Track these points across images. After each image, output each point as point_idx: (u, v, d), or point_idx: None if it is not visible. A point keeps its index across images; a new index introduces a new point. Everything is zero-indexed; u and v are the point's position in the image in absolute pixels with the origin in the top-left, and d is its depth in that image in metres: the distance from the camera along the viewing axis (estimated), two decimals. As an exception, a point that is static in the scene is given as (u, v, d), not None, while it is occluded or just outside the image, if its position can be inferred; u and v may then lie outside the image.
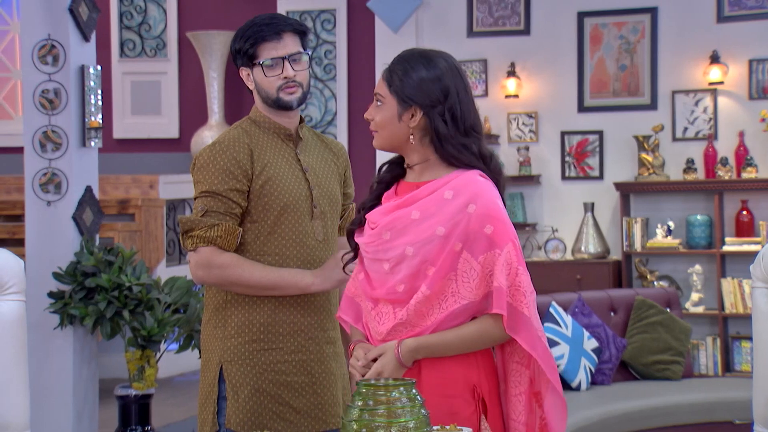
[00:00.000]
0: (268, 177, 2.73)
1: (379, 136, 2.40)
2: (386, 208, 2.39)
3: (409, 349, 2.31)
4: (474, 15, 7.43)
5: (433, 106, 2.34)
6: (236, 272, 2.68)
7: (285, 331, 2.74)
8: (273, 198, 2.72)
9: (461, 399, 2.32)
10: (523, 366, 2.37)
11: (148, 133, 8.38)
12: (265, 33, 2.72)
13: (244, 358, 2.73)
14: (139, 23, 8.38)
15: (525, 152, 7.23)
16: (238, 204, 2.71)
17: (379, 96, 2.39)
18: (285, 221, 2.74)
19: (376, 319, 2.38)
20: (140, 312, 4.92)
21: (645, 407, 4.92)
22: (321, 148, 2.89)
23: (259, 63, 2.74)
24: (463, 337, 2.31)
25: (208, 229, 2.69)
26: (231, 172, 2.70)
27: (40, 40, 5.05)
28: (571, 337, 5.11)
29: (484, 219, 2.30)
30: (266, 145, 2.77)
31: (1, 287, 2.37)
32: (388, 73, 2.39)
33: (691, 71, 7.05)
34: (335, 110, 7.87)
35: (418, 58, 2.38)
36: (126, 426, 5.10)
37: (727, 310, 6.75)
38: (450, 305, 2.31)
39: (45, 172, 5.05)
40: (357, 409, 1.97)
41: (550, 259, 7.09)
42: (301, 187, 2.77)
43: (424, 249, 2.30)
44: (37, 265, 4.97)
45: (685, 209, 7.00)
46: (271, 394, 2.73)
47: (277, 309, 2.73)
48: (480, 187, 2.33)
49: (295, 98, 2.76)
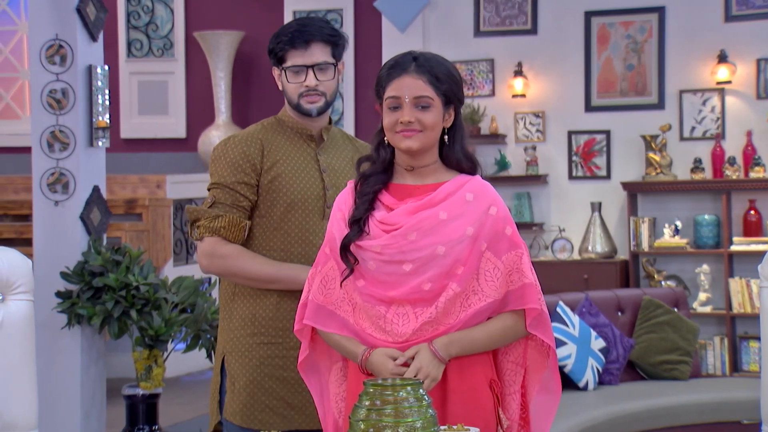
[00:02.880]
0: (278, 173, 2.77)
1: (423, 137, 2.39)
2: (406, 210, 2.39)
3: (442, 344, 2.35)
4: (481, 14, 7.43)
5: (461, 104, 2.45)
6: (237, 263, 2.73)
7: (286, 326, 2.75)
8: (281, 194, 2.76)
9: (483, 392, 2.40)
10: (518, 365, 2.46)
11: (155, 133, 8.39)
12: (294, 39, 2.76)
13: (244, 351, 2.77)
14: (146, 23, 8.39)
15: (532, 152, 7.23)
16: (246, 197, 2.75)
17: (425, 99, 2.38)
18: (291, 218, 2.77)
19: (394, 321, 2.37)
20: (147, 312, 4.93)
21: (652, 407, 4.91)
22: (350, 151, 2.92)
23: (285, 68, 2.78)
24: (491, 333, 2.39)
25: (213, 220, 2.74)
26: (239, 165, 2.75)
27: (47, 40, 5.05)
28: (578, 336, 5.10)
29: (504, 221, 2.41)
30: (284, 142, 2.82)
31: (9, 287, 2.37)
32: (429, 75, 2.39)
33: (699, 71, 7.04)
34: (342, 110, 7.87)
35: (440, 58, 2.45)
36: (133, 425, 5.10)
37: (735, 309, 6.74)
38: (473, 303, 2.37)
39: (53, 171, 5.06)
40: (364, 408, 1.97)
41: (557, 258, 7.08)
42: (315, 186, 2.79)
43: (456, 249, 2.35)
44: (45, 265, 4.97)
45: (693, 209, 6.98)
46: (266, 388, 2.75)
47: (280, 304, 2.76)
48: (493, 191, 2.44)
49: (315, 107, 2.79)
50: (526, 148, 7.25)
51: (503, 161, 7.31)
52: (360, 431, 1.95)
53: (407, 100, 2.38)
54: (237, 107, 8.22)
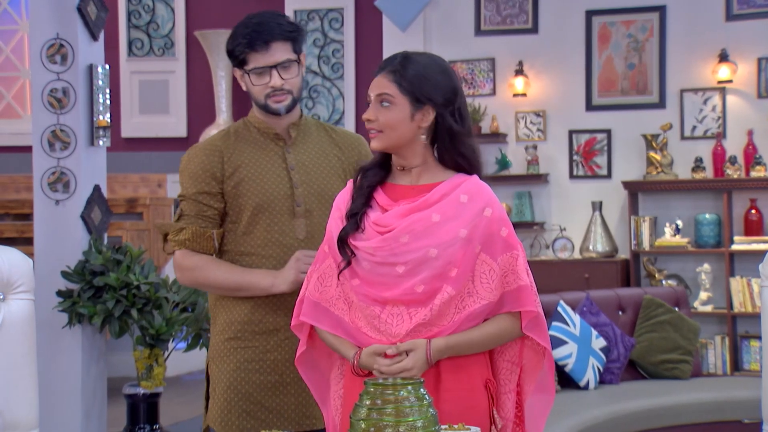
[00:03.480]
0: (241, 178, 2.74)
1: (384, 137, 2.39)
2: (399, 212, 2.38)
3: (438, 348, 2.34)
4: (482, 13, 7.42)
5: (446, 106, 2.37)
6: (204, 274, 2.73)
7: (260, 330, 2.74)
8: (246, 198, 2.73)
9: (478, 392, 2.39)
10: (514, 365, 2.45)
11: (156, 132, 8.39)
12: (253, 41, 2.70)
13: (223, 356, 2.77)
14: (147, 22, 8.39)
15: (533, 151, 7.23)
16: (210, 206, 2.74)
17: (386, 96, 2.38)
18: (260, 221, 2.74)
19: (389, 321, 2.37)
20: (148, 311, 4.93)
21: (653, 406, 4.91)
22: (325, 144, 2.85)
23: (247, 71, 2.73)
24: (487, 335, 2.38)
25: (178, 233, 2.75)
26: (199, 176, 2.74)
27: (48, 40, 5.06)
28: (579, 336, 5.10)
29: (500, 222, 2.38)
30: (247, 146, 2.77)
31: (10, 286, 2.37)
32: (397, 74, 2.38)
33: (700, 70, 7.03)
34: (343, 109, 7.87)
35: (427, 59, 2.40)
36: (134, 425, 5.11)
37: (736, 309, 6.73)
38: (469, 305, 2.35)
39: (53, 171, 5.06)
40: (365, 408, 1.97)
41: (558, 258, 7.08)
42: (281, 186, 2.75)
43: (449, 251, 2.33)
44: (46, 264, 4.98)
45: (694, 208, 6.98)
46: (243, 392, 2.74)
47: (255, 308, 2.74)
48: (490, 192, 2.41)
49: (283, 106, 2.74)
50: (527, 147, 7.25)
51: (504, 160, 7.31)
52: (361, 430, 1.95)
53: (372, 98, 2.42)
54: (238, 106, 8.22)
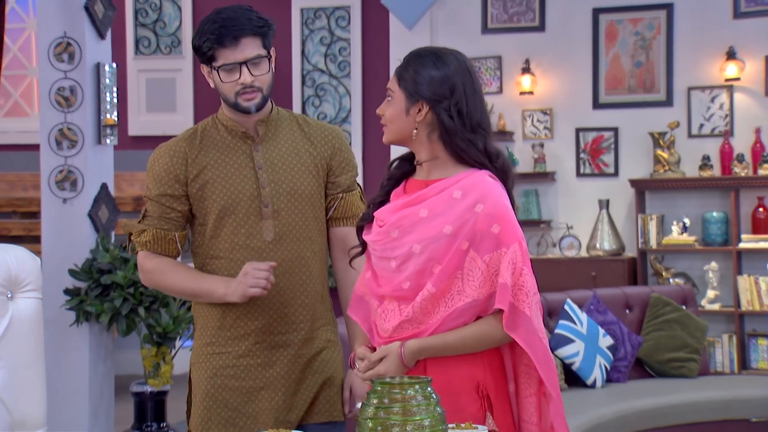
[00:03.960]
0: (206, 180, 2.65)
1: (387, 131, 2.44)
2: (394, 206, 2.41)
3: (411, 350, 2.33)
4: (489, 11, 7.42)
5: (439, 102, 2.37)
6: (163, 278, 2.67)
7: (232, 335, 2.66)
8: (210, 201, 2.65)
9: (466, 396, 2.33)
10: (531, 368, 2.36)
11: (163, 130, 8.39)
12: (222, 36, 2.59)
13: (201, 362, 2.70)
14: (154, 21, 8.40)
15: (540, 149, 7.22)
16: (173, 209, 2.67)
17: (389, 91, 2.43)
18: (227, 224, 2.65)
19: (382, 317, 2.40)
20: (155, 309, 4.94)
21: (660, 405, 4.90)
22: (296, 140, 2.73)
23: (215, 68, 2.62)
24: (465, 337, 2.33)
25: (139, 235, 2.69)
26: (161, 178, 2.66)
27: (56, 38, 5.07)
28: (586, 334, 5.10)
29: (492, 219, 2.32)
30: (213, 147, 2.68)
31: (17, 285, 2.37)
32: (400, 69, 2.43)
33: (707, 67, 7.02)
34: (349, 107, 7.87)
35: (429, 55, 2.42)
36: (142, 422, 5.12)
37: (743, 307, 6.72)
38: (454, 303, 2.32)
39: (61, 169, 5.07)
40: (372, 407, 1.97)
41: (565, 256, 7.07)
42: (247, 187, 2.65)
43: (431, 247, 2.32)
44: (54, 262, 4.99)
45: (701, 206, 6.97)
46: (220, 399, 2.66)
47: (226, 312, 2.66)
48: (488, 187, 2.35)
49: (254, 104, 2.64)
50: (534, 146, 7.24)
51: (511, 158, 7.31)
52: (368, 429, 1.95)
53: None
54: (244, 104, 8.22)
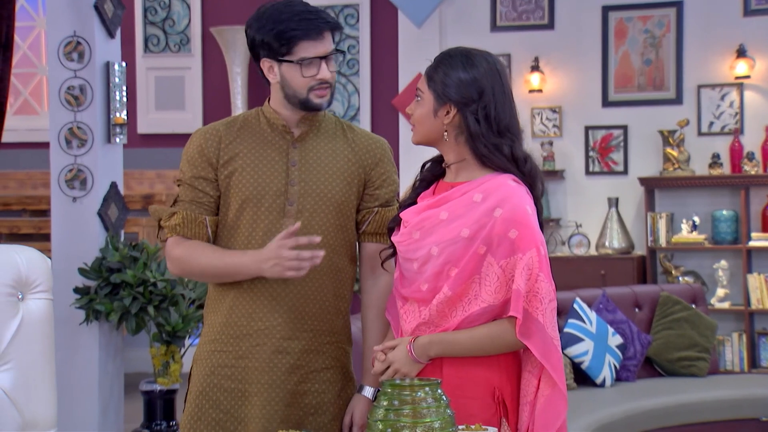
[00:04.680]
0: (235, 168, 2.55)
1: (416, 131, 2.44)
2: (418, 208, 2.41)
3: (420, 344, 2.33)
4: (498, 9, 7.40)
5: (466, 104, 2.36)
6: (190, 261, 2.54)
7: (236, 333, 2.57)
8: (235, 190, 2.55)
9: (480, 401, 2.32)
10: (533, 376, 2.34)
11: (172, 128, 8.41)
12: (308, 29, 2.46)
13: (201, 360, 2.61)
14: (163, 19, 8.40)
15: (549, 147, 7.21)
16: (205, 192, 2.56)
17: (419, 91, 2.43)
18: (246, 215, 2.54)
19: (404, 318, 2.41)
20: (165, 308, 4.94)
21: (670, 404, 4.89)
22: (338, 144, 2.62)
23: (294, 61, 2.48)
24: (475, 336, 2.31)
25: (168, 218, 2.57)
26: (195, 160, 2.57)
27: (65, 37, 5.07)
28: (595, 333, 5.09)
29: (510, 223, 2.29)
30: (250, 136, 2.58)
31: (28, 286, 2.38)
32: (430, 69, 2.42)
33: (717, 65, 7.00)
34: (358, 105, 7.86)
35: (459, 57, 2.40)
36: (151, 421, 5.13)
37: (753, 305, 6.70)
38: (471, 308, 2.31)
39: (70, 168, 5.08)
40: (382, 409, 1.97)
41: (574, 254, 7.06)
42: (275, 180, 2.54)
43: (448, 250, 2.31)
44: (63, 261, 5.00)
45: (711, 204, 6.95)
46: (212, 400, 2.57)
47: (232, 309, 2.57)
48: (509, 191, 2.32)
49: (326, 101, 2.54)
50: (543, 144, 7.23)
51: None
52: (378, 431, 1.95)
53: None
54: (253, 103, 8.23)
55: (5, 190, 8.20)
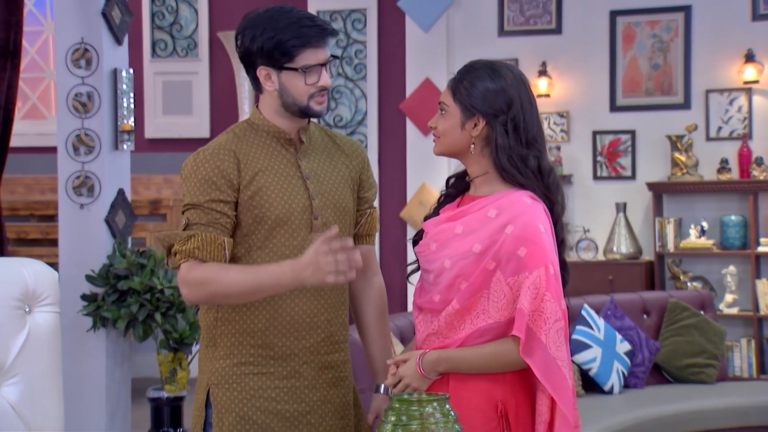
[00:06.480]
0: (259, 187, 2.46)
1: (440, 143, 2.42)
2: (438, 220, 2.43)
3: (429, 359, 2.35)
4: (505, 14, 7.39)
5: (495, 116, 2.35)
6: (214, 284, 2.39)
7: (277, 354, 2.48)
8: (264, 210, 2.45)
9: (482, 414, 2.32)
10: (545, 395, 2.31)
11: (179, 133, 8.42)
12: (311, 36, 2.42)
13: (231, 382, 2.49)
14: (170, 23, 8.41)
15: (556, 152, 7.19)
16: (224, 214, 2.44)
17: (443, 105, 2.41)
18: (278, 235, 2.47)
19: (418, 327, 2.45)
20: (172, 315, 4.94)
21: (679, 411, 4.88)
22: (331, 150, 2.60)
23: (297, 69, 2.44)
24: (480, 354, 2.31)
25: (185, 242, 2.42)
26: (214, 182, 2.43)
27: (73, 44, 5.07)
28: (603, 340, 5.08)
29: (520, 241, 2.28)
30: (260, 151, 2.50)
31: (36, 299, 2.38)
32: (454, 82, 2.41)
33: (726, 70, 6.98)
34: (365, 110, 7.86)
35: (484, 69, 2.40)
36: (158, 428, 5.12)
37: (762, 311, 6.68)
38: (478, 322, 2.32)
39: (78, 175, 5.08)
40: (390, 424, 1.96)
41: (582, 259, 7.04)
42: (300, 197, 2.49)
43: (460, 264, 2.33)
44: (71, 268, 5.00)
45: (719, 209, 6.93)
46: (258, 423, 2.47)
47: (269, 330, 2.48)
48: (523, 208, 2.31)
49: (324, 107, 2.51)
50: (551, 148, 7.21)
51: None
52: (386, 447, 1.95)
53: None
54: (261, 107, 8.22)
55: (13, 195, 8.21)
